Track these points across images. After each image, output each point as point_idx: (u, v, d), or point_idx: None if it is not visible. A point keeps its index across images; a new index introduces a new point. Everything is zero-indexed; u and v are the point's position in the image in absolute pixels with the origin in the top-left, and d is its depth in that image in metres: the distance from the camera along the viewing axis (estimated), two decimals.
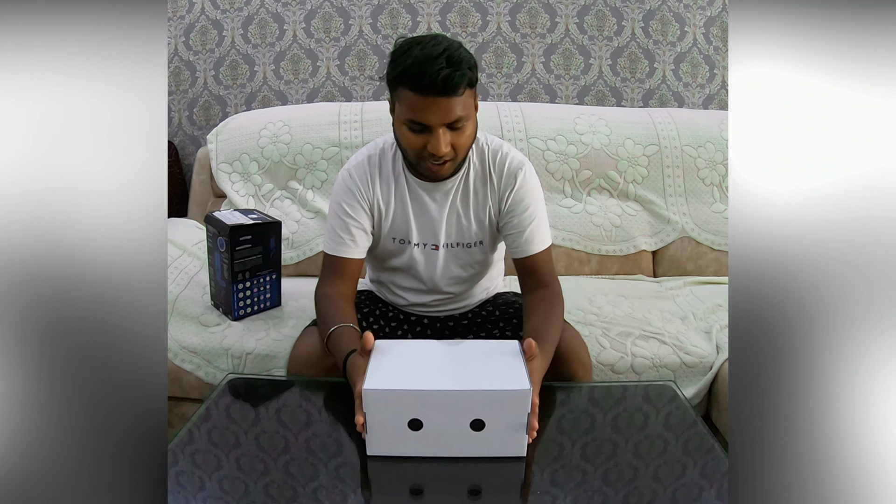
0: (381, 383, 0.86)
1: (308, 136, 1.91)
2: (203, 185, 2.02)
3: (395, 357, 0.93)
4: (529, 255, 1.22)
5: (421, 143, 1.08)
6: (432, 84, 1.01)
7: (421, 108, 1.05)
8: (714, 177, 1.94)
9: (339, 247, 1.22)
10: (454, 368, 0.91)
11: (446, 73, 1.01)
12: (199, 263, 1.71)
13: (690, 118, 2.02)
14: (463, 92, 1.05)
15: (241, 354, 1.40)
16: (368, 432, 0.86)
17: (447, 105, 1.04)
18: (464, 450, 0.86)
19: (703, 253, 1.91)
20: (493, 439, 0.86)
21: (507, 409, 0.85)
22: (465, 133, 1.10)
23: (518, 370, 0.88)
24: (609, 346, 1.42)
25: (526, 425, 0.86)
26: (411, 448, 0.86)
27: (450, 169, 1.15)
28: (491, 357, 0.94)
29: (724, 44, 2.25)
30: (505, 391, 0.84)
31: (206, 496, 0.82)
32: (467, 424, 0.85)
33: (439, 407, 0.85)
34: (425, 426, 0.85)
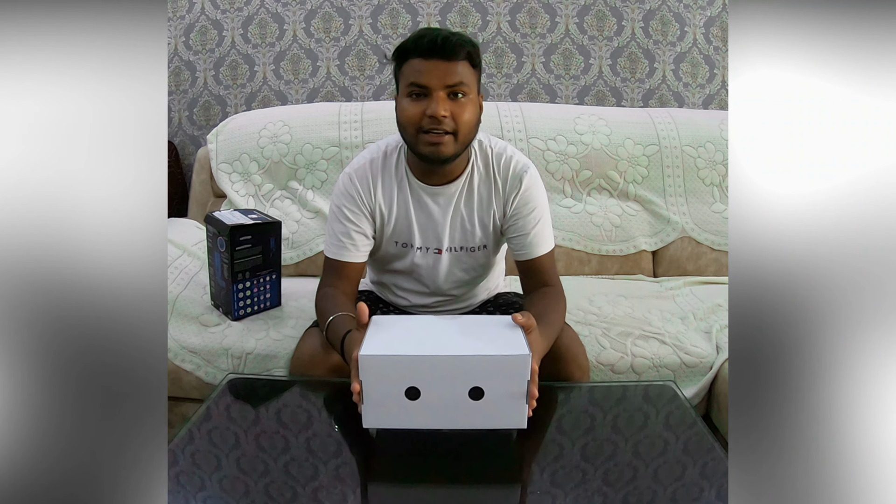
0: (378, 349, 0.84)
1: (308, 136, 1.91)
2: (203, 185, 2.02)
3: (392, 328, 0.92)
4: (534, 257, 1.22)
5: (420, 111, 1.09)
6: (433, 44, 1.07)
7: (421, 69, 1.08)
8: (714, 177, 1.94)
9: (340, 251, 1.22)
10: (453, 337, 0.90)
11: (446, 34, 1.07)
12: (199, 263, 1.71)
13: (690, 118, 2.02)
14: (463, 58, 1.09)
15: (241, 354, 1.40)
16: (364, 402, 0.84)
17: (447, 67, 1.08)
18: (462, 421, 0.85)
19: (703, 253, 1.91)
20: (493, 409, 0.84)
21: (507, 377, 0.83)
22: (466, 108, 1.10)
23: (517, 338, 0.88)
24: (609, 346, 1.42)
25: (526, 394, 0.84)
26: (409, 419, 0.85)
27: (450, 146, 1.11)
28: (490, 327, 0.93)
29: (724, 44, 2.25)
30: (504, 356, 0.83)
31: (206, 496, 0.82)
32: (466, 393, 0.83)
33: (437, 374, 0.83)
34: (423, 395, 0.83)
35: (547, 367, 1.12)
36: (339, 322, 1.08)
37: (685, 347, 1.42)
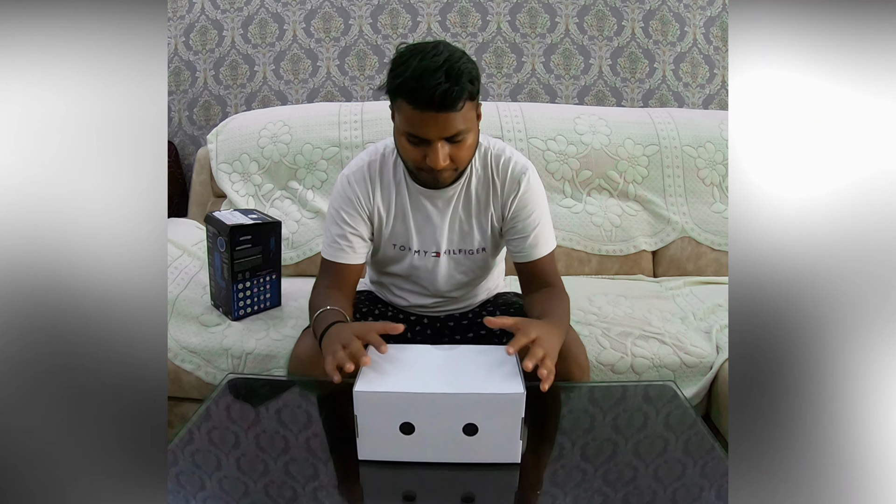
0: (373, 386, 0.84)
1: (308, 136, 1.91)
2: (203, 185, 2.02)
3: (388, 360, 0.92)
4: (533, 259, 1.22)
5: (420, 156, 1.07)
6: (430, 99, 0.99)
7: (419, 122, 1.03)
8: (714, 177, 1.94)
9: (337, 253, 1.22)
10: (447, 372, 0.89)
11: (445, 87, 0.98)
12: (199, 263, 1.71)
13: (690, 118, 2.02)
14: (462, 106, 1.02)
15: (241, 354, 1.40)
16: (360, 436, 0.85)
17: (445, 120, 1.02)
18: (457, 455, 0.85)
19: (703, 253, 1.91)
20: (487, 445, 0.84)
21: (501, 414, 0.83)
22: (465, 144, 1.08)
23: (513, 375, 0.87)
24: (609, 346, 1.42)
25: (520, 431, 0.84)
26: (403, 453, 0.85)
27: (450, 178, 1.14)
28: (486, 362, 0.92)
29: (724, 44, 2.25)
30: (497, 395, 0.83)
31: (206, 496, 0.82)
32: (460, 429, 0.84)
33: (431, 411, 0.83)
34: (417, 430, 0.84)
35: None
36: (323, 317, 1.09)
37: (685, 347, 1.42)
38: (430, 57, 1.00)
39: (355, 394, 0.83)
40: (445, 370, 0.90)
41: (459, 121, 1.03)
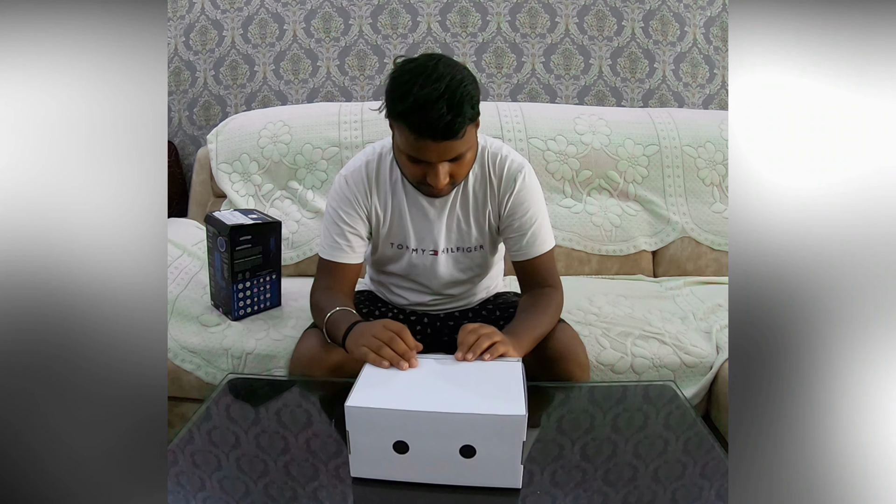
0: (366, 401, 0.80)
1: (308, 136, 1.91)
2: (203, 185, 2.02)
3: (385, 375, 0.89)
4: (531, 258, 1.22)
5: (420, 173, 1.08)
6: (433, 131, 0.99)
7: (420, 148, 1.03)
8: (714, 177, 1.94)
9: (336, 252, 1.22)
10: (446, 389, 0.86)
11: (447, 120, 0.97)
12: (199, 263, 1.71)
13: (690, 118, 2.02)
14: (464, 134, 1.03)
15: (241, 354, 1.40)
16: (352, 452, 0.81)
17: (447, 146, 1.03)
18: (453, 478, 0.80)
19: (703, 253, 1.91)
20: (485, 468, 0.79)
21: (500, 437, 0.77)
22: (465, 161, 1.09)
23: (515, 394, 0.82)
24: (609, 346, 1.42)
25: (521, 455, 0.78)
26: (397, 472, 0.80)
27: (449, 192, 1.16)
28: (490, 378, 0.88)
29: (724, 44, 2.25)
30: (496, 416, 0.77)
31: (206, 496, 0.82)
32: (456, 450, 0.78)
33: (426, 430, 0.78)
34: (412, 450, 0.79)
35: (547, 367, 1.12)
36: (340, 316, 1.09)
37: (685, 347, 1.42)
38: (430, 83, 0.98)
39: (347, 409, 0.79)
40: (444, 386, 0.87)
41: (461, 145, 1.05)
